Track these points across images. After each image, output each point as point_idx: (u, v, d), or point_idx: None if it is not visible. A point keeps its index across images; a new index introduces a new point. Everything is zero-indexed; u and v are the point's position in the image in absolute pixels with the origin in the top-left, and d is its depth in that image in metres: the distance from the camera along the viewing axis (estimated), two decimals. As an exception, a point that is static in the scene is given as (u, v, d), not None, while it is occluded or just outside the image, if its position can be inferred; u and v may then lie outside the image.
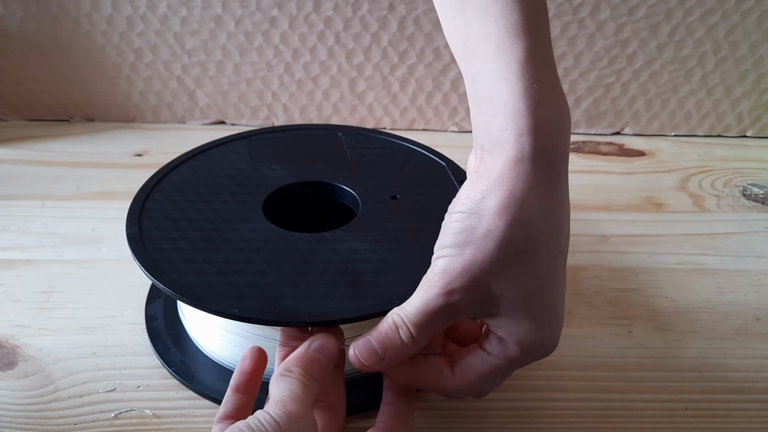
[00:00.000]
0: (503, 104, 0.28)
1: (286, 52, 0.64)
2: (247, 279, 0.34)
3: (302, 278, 0.34)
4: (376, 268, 0.35)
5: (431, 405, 0.36)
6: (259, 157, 0.45)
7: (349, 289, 0.34)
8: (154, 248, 0.36)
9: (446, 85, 0.66)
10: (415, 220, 0.39)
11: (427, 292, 0.29)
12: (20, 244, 0.49)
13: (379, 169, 0.45)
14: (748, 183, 0.60)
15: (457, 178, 0.43)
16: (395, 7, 0.61)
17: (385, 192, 0.42)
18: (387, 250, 0.37)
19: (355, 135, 0.49)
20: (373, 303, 0.33)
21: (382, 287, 0.34)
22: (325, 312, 0.32)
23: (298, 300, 0.33)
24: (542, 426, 0.35)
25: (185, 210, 0.39)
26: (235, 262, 0.35)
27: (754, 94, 0.66)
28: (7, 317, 0.42)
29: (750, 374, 0.38)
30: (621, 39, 0.63)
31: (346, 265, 0.35)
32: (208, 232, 0.38)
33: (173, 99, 0.66)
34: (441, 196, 0.39)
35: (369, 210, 0.40)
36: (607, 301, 0.44)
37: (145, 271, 0.34)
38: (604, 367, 0.39)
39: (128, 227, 0.37)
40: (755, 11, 0.61)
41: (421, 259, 0.32)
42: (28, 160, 0.60)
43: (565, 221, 0.30)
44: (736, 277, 0.47)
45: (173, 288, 0.33)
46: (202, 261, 0.35)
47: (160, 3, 0.61)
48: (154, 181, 0.42)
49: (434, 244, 0.30)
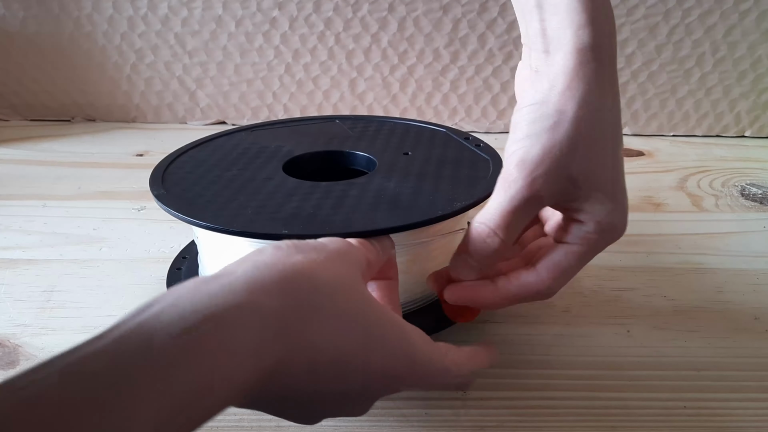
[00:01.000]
0: (559, 6, 0.30)
1: (287, 53, 0.64)
2: (287, 213, 0.33)
3: (341, 208, 0.34)
4: (410, 194, 0.35)
5: (431, 404, 0.36)
6: (265, 139, 0.46)
7: (390, 209, 0.34)
8: (185, 203, 0.35)
9: (446, 85, 0.66)
10: (434, 165, 0.40)
11: (508, 189, 0.30)
12: (22, 243, 0.49)
13: (384, 139, 0.45)
14: (746, 183, 0.60)
15: (460, 137, 0.45)
16: (395, 8, 0.62)
17: (397, 151, 0.43)
18: (416, 184, 0.37)
19: (353, 120, 0.50)
20: (417, 216, 0.33)
21: (422, 207, 0.34)
22: (372, 224, 0.32)
23: (342, 222, 0.32)
24: (542, 425, 0.35)
25: (206, 177, 0.39)
26: (271, 205, 0.34)
27: (752, 95, 0.66)
28: (8, 316, 0.42)
29: (748, 373, 0.39)
30: (620, 40, 0.63)
31: (381, 195, 0.35)
32: (235, 189, 0.37)
33: (174, 99, 0.67)
34: (451, 150, 0.42)
35: (386, 163, 0.41)
36: (606, 300, 0.44)
37: (183, 216, 0.33)
38: (602, 367, 0.39)
39: (154, 190, 0.37)
40: (753, 12, 0.61)
41: (451, 189, 0.34)
42: (30, 160, 0.60)
43: (620, 115, 0.32)
44: (735, 276, 0.47)
45: (218, 223, 0.32)
46: (238, 206, 0.34)
47: (161, 4, 0.61)
48: (167, 162, 0.41)
49: (459, 176, 0.33)
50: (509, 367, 0.39)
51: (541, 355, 0.40)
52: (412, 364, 0.27)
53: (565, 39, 0.30)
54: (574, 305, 0.44)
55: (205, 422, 0.20)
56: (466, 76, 0.65)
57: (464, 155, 0.42)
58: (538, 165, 0.30)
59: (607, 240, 0.32)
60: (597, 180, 0.31)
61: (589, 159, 0.30)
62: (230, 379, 0.20)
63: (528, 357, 0.39)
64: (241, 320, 0.20)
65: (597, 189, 0.31)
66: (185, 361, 0.18)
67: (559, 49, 0.30)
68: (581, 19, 0.30)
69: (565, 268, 0.32)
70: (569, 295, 0.44)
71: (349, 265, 0.27)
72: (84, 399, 0.16)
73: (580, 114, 0.29)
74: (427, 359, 0.27)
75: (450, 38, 0.63)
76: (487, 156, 0.41)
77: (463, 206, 0.34)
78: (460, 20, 0.62)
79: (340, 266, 0.26)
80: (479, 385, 0.37)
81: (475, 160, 0.41)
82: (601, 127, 0.30)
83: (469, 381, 0.30)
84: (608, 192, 0.31)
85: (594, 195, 0.31)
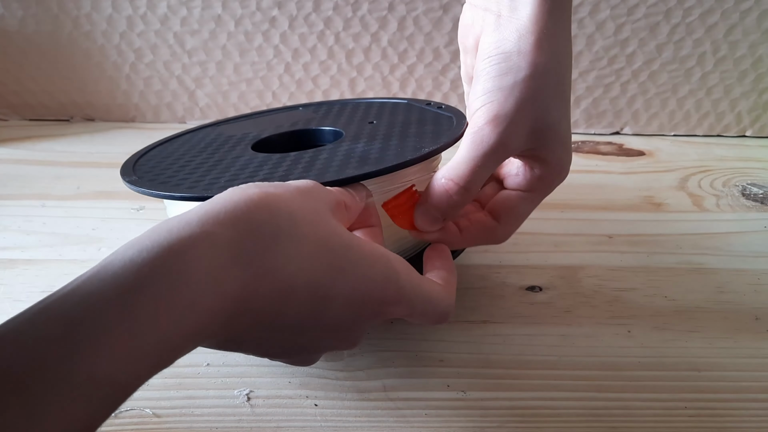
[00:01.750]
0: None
1: (286, 52, 0.64)
2: (259, 179, 0.34)
3: (311, 170, 0.34)
4: (378, 151, 0.36)
5: (431, 404, 0.36)
6: (232, 132, 0.46)
7: (360, 165, 0.34)
8: (159, 184, 0.35)
9: (446, 85, 0.66)
10: (399, 127, 0.41)
11: (480, 144, 0.30)
12: (20, 243, 0.49)
13: (348, 116, 0.46)
14: (747, 183, 0.60)
15: (422, 104, 0.46)
16: (395, 7, 0.61)
17: (362, 122, 0.44)
18: (383, 144, 0.37)
19: (316, 105, 0.51)
20: (386, 166, 0.33)
21: (391, 158, 0.34)
22: (345, 173, 0.32)
23: (315, 177, 0.33)
24: (542, 426, 0.35)
25: (177, 163, 0.39)
26: (243, 175, 0.35)
27: (753, 94, 0.66)
28: (7, 317, 0.42)
29: (749, 373, 0.39)
30: (620, 39, 0.63)
31: (351, 154, 0.36)
32: (206, 170, 0.37)
33: (173, 99, 0.67)
34: (414, 116, 0.43)
35: (353, 131, 0.41)
36: (607, 300, 0.44)
37: (157, 192, 0.34)
38: (603, 367, 0.39)
39: (125, 177, 0.37)
40: (754, 11, 0.61)
41: (416, 145, 0.36)
42: (29, 160, 0.60)
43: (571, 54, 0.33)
44: (736, 276, 0.47)
45: (192, 193, 0.32)
46: (210, 181, 0.35)
47: (161, 3, 0.61)
48: (136, 157, 0.41)
49: (423, 132, 0.35)
50: (509, 368, 0.39)
51: (541, 355, 0.40)
52: (398, 289, 0.27)
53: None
54: (574, 305, 0.44)
55: (176, 358, 0.21)
56: (466, 75, 0.65)
57: (427, 116, 0.43)
58: (512, 119, 0.30)
59: (558, 182, 0.34)
60: (559, 128, 0.32)
61: (557, 110, 0.31)
62: (192, 306, 0.20)
63: (528, 357, 0.39)
64: (195, 249, 0.21)
65: (557, 136, 0.32)
66: (148, 291, 0.19)
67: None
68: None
69: (524, 215, 0.35)
70: (570, 296, 0.44)
71: (315, 199, 0.27)
72: (55, 336, 0.18)
73: (550, 66, 0.30)
74: (416, 284, 0.28)
75: (450, 38, 0.63)
76: (450, 114, 0.42)
77: (431, 150, 0.34)
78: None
79: (301, 198, 0.26)
80: (479, 385, 0.37)
81: (438, 118, 0.42)
82: (566, 77, 0.31)
83: (453, 310, 0.30)
84: (565, 138, 0.33)
85: (553, 142, 0.32)
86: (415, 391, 0.37)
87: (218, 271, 0.21)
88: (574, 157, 0.63)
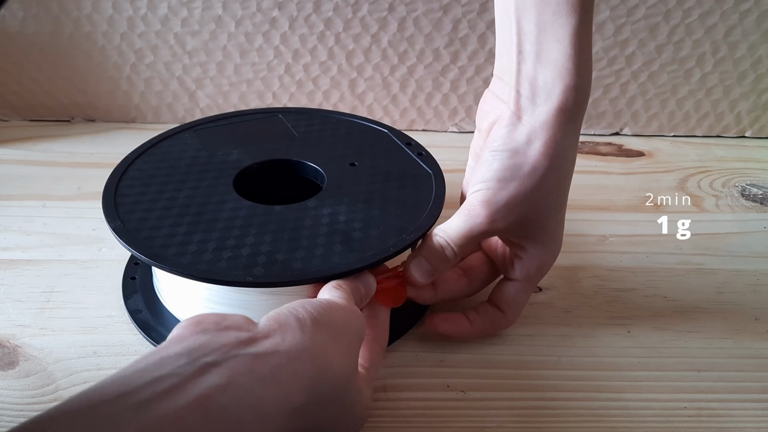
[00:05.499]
0: (554, 61, 0.32)
1: (287, 53, 0.64)
2: (246, 252, 0.35)
3: (298, 243, 0.36)
4: (362, 225, 0.38)
5: (430, 404, 0.36)
6: (211, 144, 0.46)
7: (345, 246, 0.36)
8: (145, 237, 0.36)
9: (446, 85, 0.66)
10: (380, 182, 0.42)
11: (470, 219, 0.35)
12: (21, 244, 0.49)
13: (329, 143, 0.47)
14: (746, 183, 0.60)
15: (402, 141, 0.47)
16: (395, 8, 0.62)
17: (343, 161, 0.44)
18: (365, 209, 0.39)
19: (295, 114, 0.51)
20: (371, 254, 0.36)
21: (374, 240, 0.37)
22: (332, 267, 0.34)
23: (302, 262, 0.35)
24: (542, 426, 0.35)
25: (159, 200, 0.40)
26: (229, 239, 0.36)
27: (752, 95, 0.66)
28: (7, 317, 0.42)
29: (749, 374, 0.39)
30: (620, 40, 0.63)
31: (334, 226, 0.38)
32: (191, 216, 0.38)
33: (174, 100, 0.67)
34: (394, 159, 0.45)
35: (334, 178, 0.42)
36: (606, 301, 0.44)
37: (148, 259, 0.35)
38: (603, 367, 0.39)
39: (109, 221, 0.38)
40: (754, 12, 0.61)
41: (398, 212, 0.39)
42: (29, 161, 0.60)
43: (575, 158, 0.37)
44: (735, 277, 0.47)
45: (185, 270, 0.34)
46: (197, 243, 0.36)
47: (161, 4, 0.61)
48: (116, 178, 0.42)
49: (404, 199, 0.39)
50: (509, 368, 0.39)
51: (541, 355, 0.40)
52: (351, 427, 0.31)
53: (554, 95, 0.33)
54: (574, 306, 0.44)
55: None
56: (466, 76, 0.65)
57: (407, 168, 0.44)
58: (502, 208, 0.34)
59: (542, 275, 0.39)
60: (546, 225, 0.36)
61: (546, 209, 0.35)
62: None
63: (528, 357, 0.39)
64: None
65: (544, 232, 0.36)
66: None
67: (546, 103, 0.33)
68: (571, 81, 0.32)
69: (524, 302, 0.39)
70: (570, 296, 0.44)
71: (354, 345, 0.30)
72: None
73: (549, 172, 0.33)
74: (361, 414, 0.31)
75: (450, 38, 0.63)
76: (429, 170, 0.43)
77: (412, 240, 0.37)
78: (460, 20, 0.62)
79: (348, 348, 0.29)
80: (479, 385, 0.37)
81: (418, 175, 0.43)
82: (564, 181, 0.35)
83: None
84: (552, 234, 0.37)
85: (540, 236, 0.36)
86: (415, 391, 0.37)
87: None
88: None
